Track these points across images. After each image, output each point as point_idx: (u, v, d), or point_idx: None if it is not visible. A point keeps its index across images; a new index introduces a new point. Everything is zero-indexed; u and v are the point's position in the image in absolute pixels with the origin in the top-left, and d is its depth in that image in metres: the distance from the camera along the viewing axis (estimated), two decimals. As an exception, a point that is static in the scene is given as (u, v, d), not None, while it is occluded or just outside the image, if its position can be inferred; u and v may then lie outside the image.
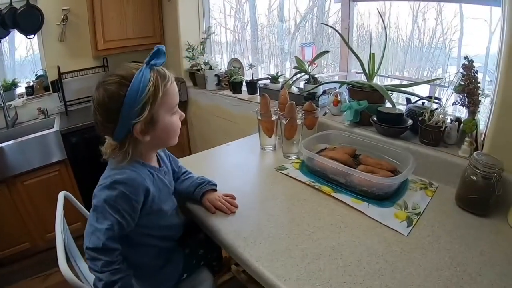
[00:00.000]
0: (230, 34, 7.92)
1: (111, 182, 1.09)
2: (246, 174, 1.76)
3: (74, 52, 3.51)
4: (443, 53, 9.63)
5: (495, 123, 1.46)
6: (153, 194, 1.19)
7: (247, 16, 8.01)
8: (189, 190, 1.49)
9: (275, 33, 7.59)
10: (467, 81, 1.62)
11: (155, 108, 1.09)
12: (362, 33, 9.96)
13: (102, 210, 1.07)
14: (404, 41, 10.68)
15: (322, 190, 1.54)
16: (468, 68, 1.62)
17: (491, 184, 1.31)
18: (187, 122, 3.85)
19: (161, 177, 1.29)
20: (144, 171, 1.19)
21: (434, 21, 9.82)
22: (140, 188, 1.13)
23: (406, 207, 1.42)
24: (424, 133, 1.72)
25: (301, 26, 8.19)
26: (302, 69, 2.35)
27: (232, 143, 2.18)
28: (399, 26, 10.20)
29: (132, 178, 1.12)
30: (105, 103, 1.06)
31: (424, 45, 10.30)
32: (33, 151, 2.84)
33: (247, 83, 2.95)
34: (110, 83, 1.06)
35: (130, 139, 1.13)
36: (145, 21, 3.65)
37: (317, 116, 2.00)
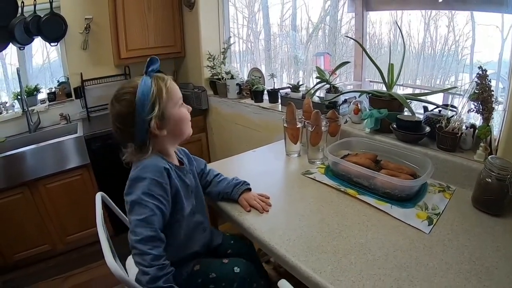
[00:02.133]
0: (243, 43, 7.96)
1: (138, 173, 1.23)
2: (274, 179, 1.87)
3: (96, 60, 3.64)
4: (456, 61, 9.59)
5: (508, 129, 1.55)
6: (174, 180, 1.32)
7: (260, 25, 8.06)
8: (227, 190, 1.61)
9: (288, 42, 7.65)
10: (481, 90, 1.72)
11: (163, 104, 1.26)
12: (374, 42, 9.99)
13: (140, 202, 1.18)
14: (416, 49, 10.67)
15: (347, 192, 1.65)
16: (482, 78, 1.73)
17: (505, 185, 1.40)
18: (207, 129, 3.95)
19: (180, 175, 1.40)
20: (163, 161, 1.31)
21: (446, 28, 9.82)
22: (163, 171, 1.26)
23: (426, 208, 1.52)
24: (441, 139, 1.82)
25: (313, 35, 8.24)
26: (324, 78, 2.46)
27: (258, 150, 2.28)
28: (411, 34, 10.22)
29: (153, 164, 1.26)
30: (122, 112, 1.24)
31: (437, 52, 10.26)
32: (57, 155, 2.95)
33: (269, 92, 3.04)
34: (122, 94, 1.26)
35: (150, 137, 1.28)
36: (167, 30, 3.77)
37: (340, 123, 2.11)
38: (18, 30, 3.04)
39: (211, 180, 1.67)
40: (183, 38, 3.96)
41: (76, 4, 3.42)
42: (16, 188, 2.83)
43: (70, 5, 3.38)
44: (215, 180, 1.67)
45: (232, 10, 4.06)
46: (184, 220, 1.39)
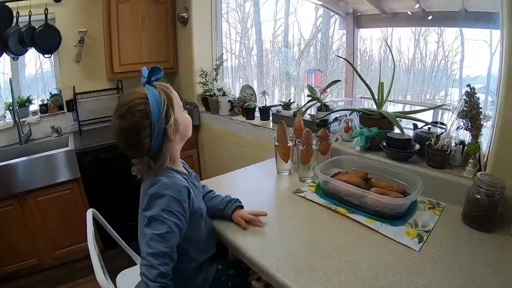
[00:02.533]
0: (236, 58, 8.01)
1: (157, 190, 1.24)
2: (265, 197, 1.88)
3: (89, 73, 3.66)
4: (445, 76, 9.76)
5: (496, 145, 1.59)
6: (192, 193, 1.34)
7: (252, 41, 8.13)
8: (220, 207, 1.62)
9: (280, 58, 7.72)
10: (470, 107, 1.75)
11: (175, 110, 1.30)
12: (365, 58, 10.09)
13: (159, 218, 1.20)
14: (406, 65, 10.84)
15: (338, 211, 1.66)
16: (470, 95, 1.76)
17: (494, 201, 1.43)
18: (198, 146, 3.95)
19: (193, 182, 1.45)
20: (179, 176, 1.35)
21: (436, 44, 9.94)
22: (182, 189, 1.28)
23: (416, 225, 1.53)
24: (431, 156, 1.84)
25: (305, 52, 8.33)
26: (315, 97, 2.49)
27: (249, 167, 2.29)
28: (401, 50, 10.30)
29: (173, 182, 1.29)
30: (137, 125, 1.22)
31: (426, 68, 10.40)
32: (47, 168, 2.94)
33: (260, 109, 3.06)
34: (136, 106, 1.23)
35: (166, 143, 1.30)
36: (160, 46, 3.81)
37: (330, 142, 2.14)
38: (12, 40, 3.05)
39: (205, 194, 1.69)
40: (176, 54, 4.00)
41: (71, 17, 3.44)
42: (6, 200, 2.81)
43: (64, 17, 3.40)
44: (208, 195, 1.69)
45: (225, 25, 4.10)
46: (203, 221, 1.46)
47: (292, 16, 9.50)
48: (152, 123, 1.22)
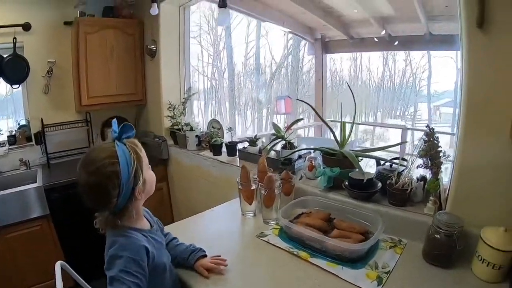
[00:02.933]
0: (208, 81, 8.04)
1: (116, 251, 1.24)
2: (229, 242, 1.87)
3: (58, 104, 3.62)
4: (414, 92, 9.98)
5: (455, 183, 1.65)
6: (152, 252, 1.33)
7: (224, 64, 8.19)
8: (183, 256, 1.62)
9: (252, 80, 7.77)
10: (429, 147, 1.81)
11: (143, 170, 1.30)
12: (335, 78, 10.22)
13: (118, 278, 1.19)
14: (376, 83, 10.94)
15: (300, 256, 1.66)
16: (429, 135, 1.82)
17: (453, 240, 1.47)
18: (168, 180, 3.92)
19: (154, 237, 1.43)
20: (139, 235, 1.34)
21: (404, 62, 10.07)
22: (140, 249, 1.28)
23: (376, 267, 1.55)
24: (392, 195, 1.88)
25: (276, 74, 8.42)
26: (279, 135, 2.52)
27: (215, 209, 2.28)
28: (371, 69, 10.41)
29: (131, 242, 1.28)
30: (106, 185, 1.21)
31: (395, 85, 10.64)
32: (15, 205, 2.88)
33: (227, 145, 3.06)
34: (105, 166, 1.21)
35: (131, 202, 1.30)
36: (129, 78, 3.80)
37: (293, 184, 2.16)
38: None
39: (169, 242, 1.68)
40: (145, 86, 3.99)
41: (40, 46, 3.42)
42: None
43: (33, 46, 3.38)
44: (172, 243, 1.68)
45: (198, 48, 4.12)
46: (167, 273, 1.45)
47: (263, 39, 9.61)
48: (120, 184, 1.22)
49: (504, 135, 1.45)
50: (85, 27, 3.40)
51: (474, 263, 1.49)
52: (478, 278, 1.46)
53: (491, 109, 1.50)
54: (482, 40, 1.47)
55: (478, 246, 1.47)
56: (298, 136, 2.68)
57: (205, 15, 8.42)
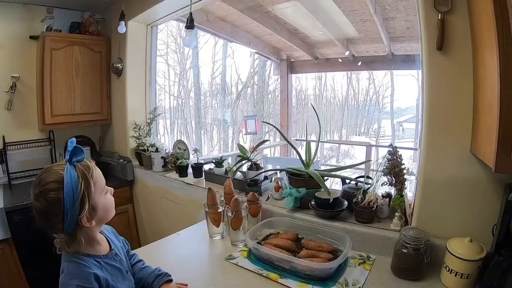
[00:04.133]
0: (174, 100, 7.99)
1: (64, 280, 1.19)
2: (197, 266, 1.83)
3: (21, 122, 3.48)
4: (377, 109, 10.23)
5: (419, 198, 1.70)
6: (105, 278, 1.26)
7: (191, 83, 8.18)
8: (148, 280, 1.56)
9: (218, 100, 7.78)
10: (392, 165, 1.87)
11: (92, 196, 1.21)
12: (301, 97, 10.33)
13: None
14: (340, 101, 11.26)
15: (269, 277, 1.65)
16: (393, 154, 1.88)
17: (420, 253, 1.51)
18: (133, 201, 3.83)
19: (110, 263, 1.35)
20: (90, 261, 1.27)
21: (367, 81, 10.35)
22: (90, 276, 1.21)
23: (347, 285, 1.56)
24: (358, 213, 1.90)
25: (242, 94, 8.45)
26: (244, 156, 2.52)
27: (181, 232, 2.23)
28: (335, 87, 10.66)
29: (79, 270, 1.21)
30: (49, 211, 1.15)
31: (360, 103, 10.88)
32: None
33: (193, 167, 3.04)
34: (48, 191, 1.14)
35: (79, 229, 1.22)
36: (93, 97, 3.71)
37: (260, 205, 2.16)
38: None
39: (134, 264, 1.62)
40: (110, 105, 3.91)
41: (4, 60, 3.31)
42: None
43: None
44: (138, 265, 1.62)
45: (165, 67, 4.09)
46: None
47: (229, 59, 9.67)
48: (64, 211, 1.15)
49: (465, 149, 1.54)
50: (51, 43, 3.32)
51: (443, 273, 1.53)
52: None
53: (451, 125, 1.57)
54: (441, 60, 1.55)
55: (446, 257, 1.51)
56: (264, 157, 2.68)
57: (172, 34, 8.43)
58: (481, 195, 1.55)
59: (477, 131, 1.46)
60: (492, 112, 1.19)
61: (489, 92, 1.27)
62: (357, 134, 12.39)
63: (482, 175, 1.53)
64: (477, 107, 1.46)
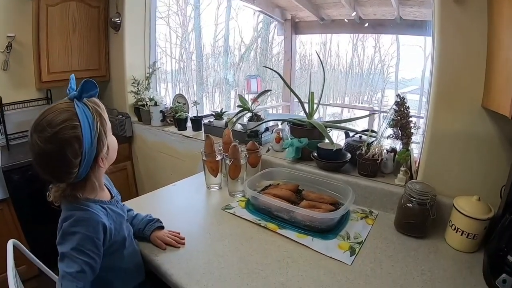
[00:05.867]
0: (176, 63, 7.88)
1: (70, 227, 1.10)
2: (193, 215, 1.77)
3: (18, 82, 3.37)
4: (382, 78, 10.04)
5: (426, 153, 1.62)
6: (110, 228, 1.20)
7: (193, 46, 8.02)
8: (139, 227, 1.51)
9: (220, 63, 7.68)
10: (400, 116, 1.77)
11: (107, 135, 1.16)
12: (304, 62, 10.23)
13: (70, 256, 1.06)
14: (344, 69, 11.06)
15: (268, 227, 1.59)
16: (400, 105, 1.78)
17: (426, 209, 1.44)
18: (132, 158, 3.79)
19: (114, 209, 1.29)
20: (97, 208, 1.20)
21: (373, 49, 10.13)
22: (98, 225, 1.14)
23: (348, 238, 1.50)
24: (362, 165, 1.83)
25: (245, 56, 8.32)
26: (245, 107, 2.42)
27: (178, 183, 2.17)
28: (340, 54, 10.49)
29: (87, 217, 1.13)
30: (66, 151, 1.04)
31: (364, 71, 10.71)
32: None
33: (192, 120, 2.97)
34: (65, 130, 1.04)
35: (93, 172, 1.17)
36: (91, 53, 3.58)
37: (260, 154, 2.08)
38: None
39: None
40: (109, 61, 3.79)
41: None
42: None
43: None
44: (129, 214, 1.56)
45: (166, 29, 3.95)
46: (128, 248, 1.33)
47: (233, 21, 9.49)
48: (83, 151, 1.06)
49: (476, 104, 1.45)
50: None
51: (448, 232, 1.47)
52: (452, 248, 1.44)
53: (463, 78, 1.48)
54: (455, 12, 1.45)
55: (452, 215, 1.45)
56: (265, 111, 2.59)
57: (174, -5, 8.25)
58: (490, 154, 1.48)
59: (490, 84, 1.36)
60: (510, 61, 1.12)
61: (507, 39, 1.19)
62: (360, 103, 12.28)
63: (493, 132, 1.45)
64: (492, 57, 1.36)
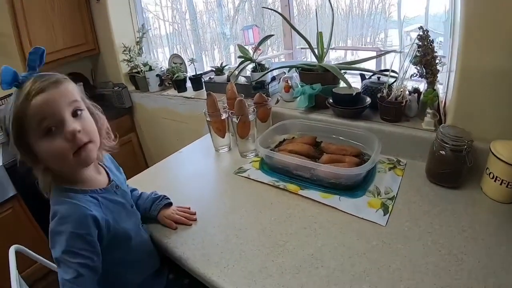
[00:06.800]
0: (170, 25, 7.66)
1: (55, 226, 0.96)
2: (203, 184, 1.60)
3: None
4: (383, 18, 9.74)
5: (456, 93, 1.39)
6: (106, 220, 1.03)
7: (184, 5, 7.76)
8: (145, 206, 1.36)
9: (215, 18, 7.43)
10: (424, 52, 1.55)
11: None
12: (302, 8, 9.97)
13: (63, 261, 0.93)
14: (344, 11, 10.79)
15: (288, 189, 1.42)
16: (423, 39, 1.55)
17: (462, 156, 1.26)
18: (136, 129, 3.66)
19: (110, 197, 1.12)
20: (86, 198, 1.03)
21: (373, -14, 9.67)
22: (86, 220, 0.98)
23: (379, 193, 1.34)
24: (385, 110, 1.64)
25: (240, 8, 8.05)
26: (247, 57, 2.20)
27: (184, 149, 2.00)
28: (338, -5, 10.08)
29: (72, 212, 0.98)
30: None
31: (364, 12, 10.38)
32: None
33: (191, 79, 2.78)
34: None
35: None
36: (75, 28, 3.36)
37: (269, 107, 1.89)
38: None
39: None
40: (95, 33, 3.56)
41: None
42: None
43: None
44: (133, 194, 1.40)
45: None
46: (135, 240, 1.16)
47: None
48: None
49: None
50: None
51: (485, 181, 1.30)
52: (490, 198, 1.27)
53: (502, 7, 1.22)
54: None
55: (489, 162, 1.27)
56: (268, 60, 2.38)
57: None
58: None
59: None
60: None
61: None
62: (363, 44, 11.93)
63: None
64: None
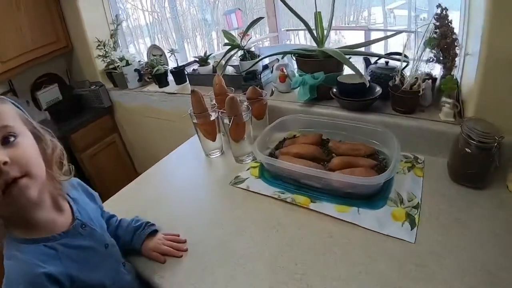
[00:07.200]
0: (149, 15, 7.44)
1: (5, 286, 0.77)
2: (195, 200, 1.36)
3: None
4: (366, -5, 9.30)
5: (481, 80, 1.21)
6: (66, 275, 0.82)
7: (163, -8, 7.51)
8: (126, 239, 1.13)
9: (195, 4, 7.20)
10: (443, 34, 1.35)
11: None
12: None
13: None
14: (326, -10, 10.18)
15: (296, 203, 1.20)
16: (442, 18, 1.35)
17: (491, 155, 1.10)
18: (118, 129, 3.43)
19: (74, 243, 0.89)
20: (38, 251, 0.81)
21: (352, -38, 9.46)
22: (39, 279, 0.77)
23: (401, 201, 1.15)
24: (398, 100, 1.44)
25: (220, -9, 7.81)
26: (234, 44, 1.96)
27: (169, 156, 1.74)
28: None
29: (21, 270, 0.78)
30: None
31: (347, -10, 9.93)
32: None
33: (173, 72, 2.55)
34: None
35: None
36: (44, 26, 3.12)
37: (265, 102, 1.66)
38: None
39: (106, 222, 1.14)
40: (66, 29, 3.30)
41: None
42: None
43: None
44: (110, 223, 1.17)
45: None
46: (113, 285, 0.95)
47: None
48: None
49: None
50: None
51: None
52: None
53: None
54: None
55: None
56: (256, 46, 2.15)
57: None
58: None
59: None
60: None
61: None
62: (347, 24, 11.82)
63: None
64: None
